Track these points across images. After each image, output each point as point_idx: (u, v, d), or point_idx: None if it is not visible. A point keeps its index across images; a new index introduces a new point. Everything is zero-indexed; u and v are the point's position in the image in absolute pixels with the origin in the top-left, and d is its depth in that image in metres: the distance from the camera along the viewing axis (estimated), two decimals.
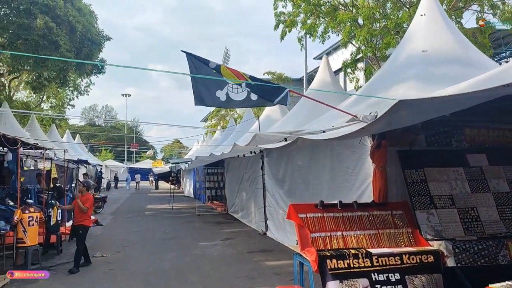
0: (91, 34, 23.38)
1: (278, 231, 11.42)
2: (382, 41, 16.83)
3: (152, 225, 14.90)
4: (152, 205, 23.16)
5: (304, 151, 9.59)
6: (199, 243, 11.14)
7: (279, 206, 11.43)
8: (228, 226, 14.25)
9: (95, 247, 10.47)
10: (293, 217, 5.59)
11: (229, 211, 17.69)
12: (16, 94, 38.26)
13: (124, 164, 59.42)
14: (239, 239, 11.58)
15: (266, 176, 12.28)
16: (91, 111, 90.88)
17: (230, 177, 17.90)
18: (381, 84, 7.90)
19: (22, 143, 7.99)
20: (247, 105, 6.67)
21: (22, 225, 7.58)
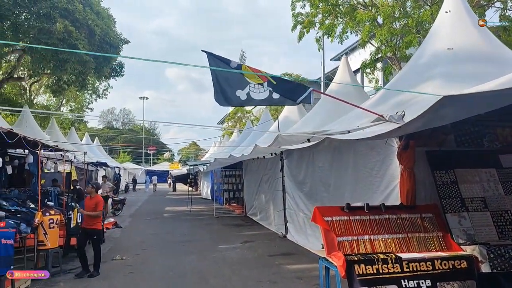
0: (109, 37, 23.53)
1: (299, 234, 11.22)
2: (402, 40, 16.50)
3: (170, 227, 14.84)
4: (170, 207, 23.17)
5: (326, 153, 9.38)
6: (219, 245, 11.01)
7: (299, 208, 11.24)
8: (247, 229, 14.09)
9: (115, 250, 10.44)
10: (319, 220, 5.39)
11: (247, 213, 17.54)
12: (37, 97, 38.94)
13: (142, 166, 59.86)
14: (259, 242, 11.41)
15: (286, 178, 12.09)
16: (109, 114, 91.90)
17: (248, 179, 17.76)
18: (405, 83, 7.65)
19: (42, 145, 7.99)
20: (269, 104, 6.52)
21: (42, 227, 7.56)
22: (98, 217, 8.35)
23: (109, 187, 18.30)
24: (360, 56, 32.06)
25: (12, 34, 20.57)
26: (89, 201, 8.46)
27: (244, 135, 23.48)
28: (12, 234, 5.83)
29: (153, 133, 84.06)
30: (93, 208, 8.26)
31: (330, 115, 10.49)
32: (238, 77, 6.33)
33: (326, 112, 11.06)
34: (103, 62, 23.90)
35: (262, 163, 14.85)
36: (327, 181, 9.54)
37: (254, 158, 15.65)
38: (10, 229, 5.83)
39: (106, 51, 23.31)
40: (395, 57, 17.88)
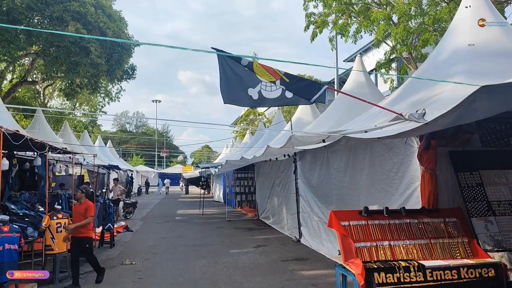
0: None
1: (313, 238, 10.89)
2: (418, 39, 16.10)
3: (182, 231, 14.61)
4: (182, 210, 22.99)
5: (341, 154, 9.06)
6: (231, 250, 10.73)
7: (313, 212, 10.91)
8: (260, 233, 13.79)
9: (124, 254, 10.24)
10: (335, 225, 5.08)
11: (260, 216, 17.25)
12: (50, 101, 39.22)
13: (154, 169, 59.99)
14: (271, 247, 11.11)
15: (299, 180, 11.77)
16: (122, 117, 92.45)
17: (260, 182, 17.46)
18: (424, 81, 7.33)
19: (50, 147, 7.82)
20: (281, 103, 6.22)
21: (50, 231, 7.38)
22: (88, 223, 7.66)
23: (120, 190, 18.18)
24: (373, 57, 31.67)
25: (25, 37, 20.67)
26: (79, 207, 7.82)
27: (256, 137, 23.21)
28: (17, 239, 5.64)
29: (166, 136, 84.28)
30: (83, 214, 7.61)
31: (345, 115, 10.18)
32: (249, 75, 6.06)
33: (340, 113, 10.75)
34: (115, 65, 23.87)
35: (274, 166, 14.56)
36: (342, 183, 9.23)
37: (266, 161, 15.38)
38: (14, 234, 5.64)
39: (118, 53, 23.32)
40: (411, 56, 17.47)
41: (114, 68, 23.94)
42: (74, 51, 20.53)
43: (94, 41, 21.05)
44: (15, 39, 20.19)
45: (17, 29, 19.95)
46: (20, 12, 19.20)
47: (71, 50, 20.52)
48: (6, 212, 8.14)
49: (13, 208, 8.27)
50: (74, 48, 20.37)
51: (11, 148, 7.72)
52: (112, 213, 11.32)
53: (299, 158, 11.71)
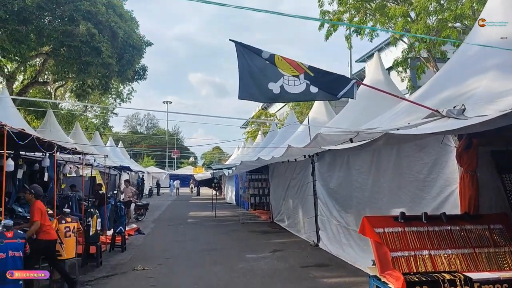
0: (132, 39, 23.25)
1: (332, 243, 10.38)
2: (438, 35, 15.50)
3: (195, 234, 14.19)
4: (194, 212, 22.59)
5: (364, 155, 8.55)
6: (246, 255, 10.26)
7: (332, 215, 10.41)
8: (275, 236, 13.31)
9: (136, 259, 9.83)
10: (368, 232, 4.59)
11: (274, 219, 16.76)
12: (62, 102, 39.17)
13: (165, 170, 59.81)
14: (289, 251, 10.62)
15: (317, 182, 11.28)
16: (133, 118, 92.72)
17: (275, 184, 16.98)
18: (454, 75, 6.83)
19: (59, 147, 7.44)
20: (306, 98, 5.75)
21: (58, 236, 6.98)
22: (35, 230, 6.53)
23: (131, 191, 17.82)
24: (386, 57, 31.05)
25: (35, 37, 20.49)
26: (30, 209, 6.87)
27: (269, 138, 22.76)
28: (21, 246, 5.25)
29: (176, 137, 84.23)
30: None
31: (365, 113, 9.66)
32: (271, 68, 5.60)
33: (360, 111, 10.22)
34: (126, 65, 23.62)
35: (290, 167, 14.07)
36: (364, 186, 8.71)
37: (281, 162, 14.90)
38: (19, 240, 5.24)
39: (129, 53, 23.05)
40: (430, 54, 16.88)
41: (125, 68, 23.70)
42: (85, 51, 20.30)
43: (105, 40, 20.83)
44: (26, 39, 20.02)
45: (28, 29, 19.82)
46: (30, 12, 19.01)
47: (82, 50, 20.29)
48: (13, 215, 7.80)
49: (20, 211, 7.91)
50: (85, 48, 20.15)
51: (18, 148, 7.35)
52: (123, 216, 10.93)
53: (318, 159, 11.22)
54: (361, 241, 8.98)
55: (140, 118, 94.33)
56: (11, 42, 19.75)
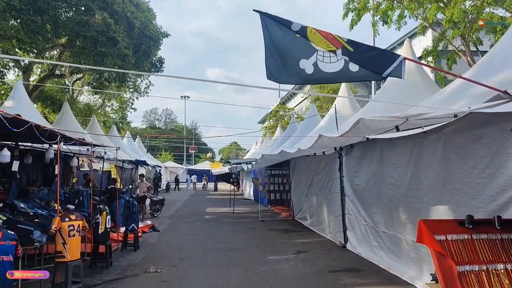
0: (149, 30, 22.65)
1: (361, 244, 9.49)
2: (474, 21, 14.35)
3: (212, 232, 13.45)
4: (211, 208, 21.89)
5: (402, 147, 7.62)
6: (268, 256, 9.44)
7: (360, 214, 9.51)
8: (298, 235, 12.45)
9: (149, 259, 9.11)
10: (427, 240, 3.69)
11: (295, 217, 15.90)
12: (80, 96, 39.00)
13: (183, 165, 59.51)
14: (314, 253, 9.76)
15: (345, 178, 10.38)
16: (152, 114, 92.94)
17: (296, 180, 16.10)
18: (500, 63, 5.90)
19: (62, 137, 6.71)
20: (344, 78, 4.86)
21: (61, 235, 6.28)
22: None
23: (146, 186, 17.16)
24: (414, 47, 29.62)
25: (51, 27, 20.02)
26: None
27: (288, 132, 21.91)
28: (11, 248, 4.54)
29: (194, 132, 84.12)
30: None
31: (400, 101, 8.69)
32: (302, 43, 4.73)
33: (392, 99, 9.24)
34: (143, 57, 23.06)
35: (313, 161, 13.18)
36: (400, 182, 7.77)
37: (303, 156, 14.03)
38: (8, 242, 4.54)
39: (146, 44, 22.48)
40: (464, 41, 15.70)
41: (141, 60, 23.14)
42: (101, 41, 19.77)
43: (121, 31, 20.26)
44: (41, 30, 19.55)
45: (43, 19, 19.35)
46: (46, 2, 18.50)
47: (98, 40, 19.77)
48: (14, 212, 7.14)
49: (22, 207, 7.25)
50: (101, 38, 19.61)
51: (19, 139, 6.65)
52: (136, 212, 10.22)
53: (345, 153, 10.31)
54: (392, 243, 8.08)
55: (159, 114, 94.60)
56: (26, 33, 19.31)
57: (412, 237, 7.33)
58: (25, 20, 18.35)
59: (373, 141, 8.70)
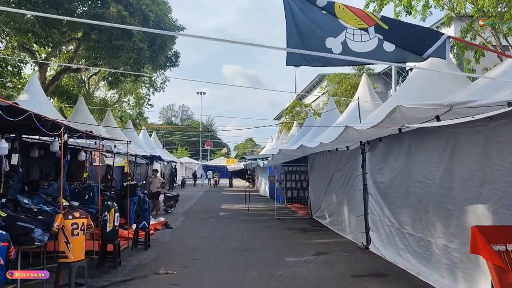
0: (164, 23, 22.26)
1: (386, 246, 8.85)
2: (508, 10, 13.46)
3: (227, 230, 12.95)
4: (226, 205, 21.43)
5: (433, 142, 6.96)
6: (286, 258, 8.88)
7: (385, 214, 8.88)
8: (317, 235, 11.86)
9: (160, 259, 8.65)
10: (483, 250, 3.09)
11: (313, 215, 15.30)
12: (96, 91, 38.93)
13: (199, 161, 59.34)
14: (335, 255, 9.16)
15: (368, 175, 9.74)
16: (168, 110, 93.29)
17: (315, 177, 15.49)
18: None
19: (66, 128, 6.24)
20: (378, 58, 4.24)
21: (64, 234, 5.84)
22: None
23: (160, 181, 16.75)
24: None
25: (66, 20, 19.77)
26: None
27: (306, 128, 21.28)
28: (2, 250, 4.08)
29: (210, 129, 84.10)
30: None
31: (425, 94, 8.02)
32: (329, 20, 4.15)
33: (419, 91, 8.56)
34: (158, 50, 22.71)
35: (333, 157, 12.56)
36: (429, 180, 7.11)
37: (322, 152, 13.43)
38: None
39: (161, 38, 22.07)
40: (494, 31, 14.81)
41: (157, 53, 22.80)
42: (116, 34, 19.49)
43: (136, 24, 19.92)
44: (57, 23, 19.33)
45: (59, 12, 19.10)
46: None
47: (112, 33, 19.49)
48: (17, 208, 6.74)
49: (26, 202, 6.84)
50: (116, 31, 19.31)
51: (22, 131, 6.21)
52: (147, 209, 9.77)
53: (369, 148, 9.68)
54: (420, 247, 7.44)
55: (175, 110, 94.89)
56: (42, 26, 19.13)
57: (443, 240, 6.70)
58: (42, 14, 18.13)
59: (400, 136, 8.07)
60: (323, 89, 43.25)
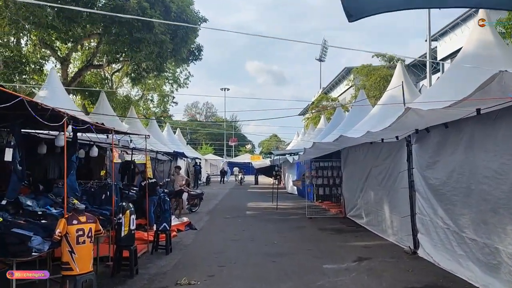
0: (186, 15, 21.41)
1: (439, 251, 7.69)
2: None
3: (255, 231, 11.98)
4: (253, 203, 20.47)
5: (505, 128, 5.78)
6: (323, 264, 7.82)
7: (438, 215, 7.71)
8: (354, 237, 10.75)
9: (182, 266, 7.75)
10: None
11: (347, 214, 14.17)
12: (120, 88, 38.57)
13: (223, 158, 58.74)
14: (380, 261, 8.04)
15: (415, 171, 8.57)
16: (193, 107, 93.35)
17: (349, 172, 14.32)
18: None
19: (70, 118, 5.33)
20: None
21: (67, 242, 4.97)
22: None
23: (183, 179, 15.90)
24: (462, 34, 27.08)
25: (86, 14, 19.19)
26: None
27: (334, 122, 20.10)
28: None
29: (234, 125, 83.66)
30: None
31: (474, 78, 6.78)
32: None
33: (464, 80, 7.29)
34: (180, 43, 21.89)
35: (371, 151, 11.40)
36: (501, 175, 5.98)
37: (358, 145, 12.29)
38: None
39: (183, 29, 21.26)
40: None
41: (179, 46, 21.99)
42: (137, 26, 18.78)
43: (157, 15, 19.17)
44: (76, 17, 18.75)
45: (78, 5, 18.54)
46: None
47: (133, 26, 18.78)
48: (20, 211, 5.92)
49: (29, 204, 6.03)
50: (136, 23, 18.60)
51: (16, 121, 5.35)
52: (167, 210, 8.86)
53: (416, 140, 8.50)
54: (484, 255, 6.27)
55: (199, 107, 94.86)
56: (62, 21, 18.59)
57: None
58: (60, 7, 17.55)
59: (457, 124, 6.90)
60: (351, 81, 41.71)
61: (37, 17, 17.87)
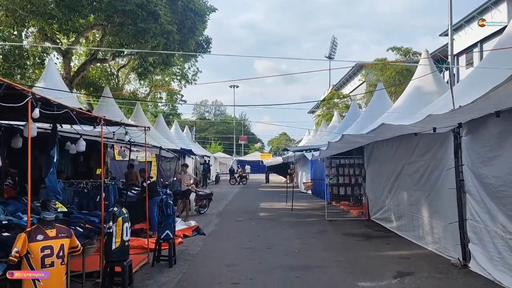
0: (193, 4, 20.13)
1: (498, 266, 6.31)
2: None
3: (271, 237, 10.65)
4: (265, 203, 19.12)
5: None
6: (358, 281, 6.46)
7: (497, 222, 6.32)
8: (386, 244, 9.36)
9: (187, 282, 6.44)
10: None
11: (371, 217, 12.78)
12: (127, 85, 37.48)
13: (233, 156, 57.54)
14: (425, 277, 6.65)
15: (466, 168, 7.17)
16: (201, 106, 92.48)
17: (374, 170, 12.91)
18: None
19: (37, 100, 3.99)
20: None
21: (29, 265, 3.70)
22: None
23: (191, 178, 14.59)
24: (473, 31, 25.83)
25: (87, 2, 18.04)
26: None
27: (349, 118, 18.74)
28: None
29: (243, 124, 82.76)
30: None
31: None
32: None
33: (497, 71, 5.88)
34: (188, 34, 20.59)
35: (403, 146, 10.01)
36: None
37: (384, 140, 10.92)
38: None
39: (191, 19, 20.00)
40: None
41: (186, 38, 20.67)
42: (141, 16, 17.51)
43: (163, 4, 17.93)
44: (77, 5, 17.58)
45: None
46: None
47: (137, 15, 17.52)
48: None
49: None
50: (140, 12, 17.36)
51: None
52: (171, 215, 7.52)
53: (468, 131, 7.09)
54: None
55: (208, 106, 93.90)
56: (61, 9, 17.45)
57: None
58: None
59: None
60: (364, 77, 40.24)
61: (35, 5, 16.77)
